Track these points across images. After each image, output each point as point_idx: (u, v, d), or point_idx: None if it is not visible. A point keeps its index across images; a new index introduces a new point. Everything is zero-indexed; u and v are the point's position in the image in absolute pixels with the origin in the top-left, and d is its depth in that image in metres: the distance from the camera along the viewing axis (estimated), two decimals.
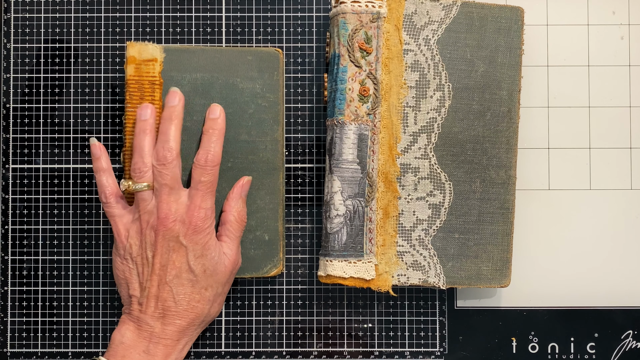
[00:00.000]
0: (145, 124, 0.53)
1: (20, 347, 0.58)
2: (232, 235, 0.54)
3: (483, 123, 0.55)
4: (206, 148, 0.52)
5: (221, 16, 0.58)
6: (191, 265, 0.51)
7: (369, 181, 0.53)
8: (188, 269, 0.51)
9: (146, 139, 0.52)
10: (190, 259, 0.51)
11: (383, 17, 0.54)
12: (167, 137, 0.51)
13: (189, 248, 0.51)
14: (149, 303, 0.51)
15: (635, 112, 0.59)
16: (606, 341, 0.58)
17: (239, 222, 0.54)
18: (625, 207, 0.58)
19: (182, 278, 0.51)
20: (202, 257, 0.51)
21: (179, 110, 0.53)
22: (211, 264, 0.52)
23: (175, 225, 0.51)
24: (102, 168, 0.53)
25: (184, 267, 0.51)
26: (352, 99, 0.53)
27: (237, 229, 0.54)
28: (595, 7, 0.59)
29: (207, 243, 0.51)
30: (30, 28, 0.58)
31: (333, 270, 0.53)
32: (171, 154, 0.51)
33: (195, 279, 0.51)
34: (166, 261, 0.51)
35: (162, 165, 0.51)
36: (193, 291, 0.51)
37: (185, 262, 0.51)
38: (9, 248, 0.58)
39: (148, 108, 0.53)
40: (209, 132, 0.53)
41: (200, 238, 0.51)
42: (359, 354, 0.58)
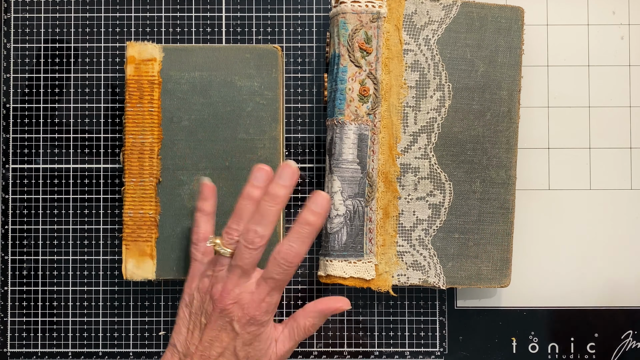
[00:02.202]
0: (254, 191, 0.49)
1: (20, 347, 0.58)
2: (293, 337, 0.51)
3: (483, 123, 0.55)
4: (291, 242, 0.48)
5: (221, 16, 0.58)
6: (236, 350, 0.49)
7: (369, 181, 0.53)
8: (233, 352, 0.49)
9: (248, 207, 0.49)
10: (237, 344, 0.49)
11: (383, 17, 0.54)
12: (263, 221, 0.48)
13: (239, 335, 0.48)
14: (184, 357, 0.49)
15: (635, 112, 0.59)
16: (606, 341, 0.58)
17: (306, 332, 0.51)
18: (625, 207, 0.58)
19: (225, 357, 0.49)
20: (251, 345, 0.49)
21: (286, 194, 0.49)
22: (257, 354, 0.49)
23: (234, 309, 0.48)
24: (205, 210, 0.52)
25: (230, 349, 0.49)
26: (352, 99, 0.53)
27: (301, 335, 0.51)
28: (595, 7, 0.59)
29: (260, 335, 0.49)
30: (30, 28, 0.58)
31: (333, 270, 0.53)
32: (261, 240, 0.48)
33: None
34: (215, 337, 0.49)
35: (246, 248, 0.48)
36: None
37: (232, 345, 0.49)
38: (9, 248, 0.58)
39: (263, 171, 0.50)
40: (302, 226, 0.48)
41: (254, 330, 0.49)
42: (359, 354, 0.58)
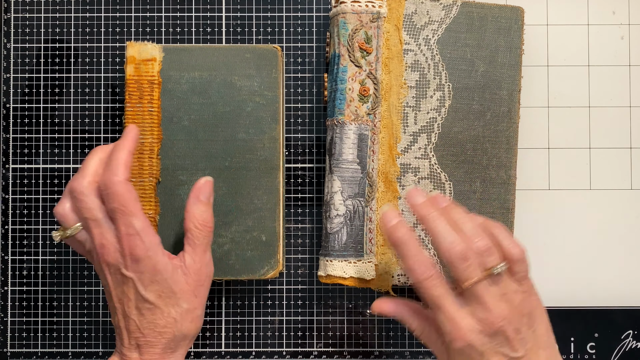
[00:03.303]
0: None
1: (20, 347, 0.58)
2: (194, 243, 0.50)
3: (483, 123, 0.55)
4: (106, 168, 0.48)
5: (221, 16, 0.58)
6: (143, 295, 0.47)
7: (369, 181, 0.53)
8: (142, 299, 0.48)
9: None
10: (140, 289, 0.47)
11: (383, 17, 0.54)
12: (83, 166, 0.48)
13: (134, 279, 0.47)
14: (123, 335, 0.49)
15: (635, 112, 0.59)
16: (606, 341, 0.58)
17: (200, 228, 0.50)
18: (625, 207, 0.58)
19: (140, 308, 0.48)
20: (153, 283, 0.48)
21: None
22: (165, 287, 0.48)
23: (114, 258, 0.47)
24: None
25: (138, 297, 0.48)
26: (352, 99, 0.53)
27: (200, 235, 0.50)
28: (595, 7, 0.59)
29: (154, 267, 0.47)
30: (30, 28, 0.58)
31: (333, 270, 0.53)
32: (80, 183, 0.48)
33: (152, 307, 0.48)
34: (121, 294, 0.48)
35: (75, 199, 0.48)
36: (155, 318, 0.48)
37: (137, 292, 0.48)
38: (9, 248, 0.58)
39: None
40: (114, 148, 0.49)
41: (143, 265, 0.47)
42: (359, 354, 0.58)
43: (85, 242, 0.49)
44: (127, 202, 0.47)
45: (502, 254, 0.46)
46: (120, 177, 0.47)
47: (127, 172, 0.48)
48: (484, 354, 0.45)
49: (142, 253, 0.47)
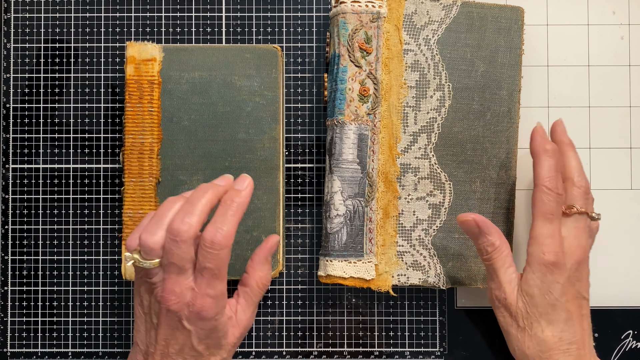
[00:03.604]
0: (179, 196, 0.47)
1: (20, 347, 0.58)
2: (251, 301, 0.50)
3: (483, 123, 0.55)
4: (216, 224, 0.45)
5: (221, 16, 0.58)
6: (194, 346, 0.47)
7: (369, 181, 0.53)
8: (191, 347, 0.47)
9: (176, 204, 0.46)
10: (194, 340, 0.46)
11: (383, 17, 0.54)
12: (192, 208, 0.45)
13: (192, 332, 0.46)
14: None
15: (635, 112, 0.59)
16: (606, 341, 0.58)
17: (260, 287, 0.50)
18: (625, 207, 0.58)
19: (185, 353, 0.47)
20: (207, 339, 0.47)
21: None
22: (216, 342, 0.48)
23: (178, 308, 0.45)
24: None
25: (187, 344, 0.46)
26: (352, 99, 0.53)
27: (258, 294, 0.50)
28: (595, 7, 0.59)
29: (214, 327, 0.47)
30: (30, 28, 0.58)
31: (333, 270, 0.53)
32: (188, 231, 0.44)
33: (197, 355, 0.47)
34: (169, 337, 0.46)
35: (173, 242, 0.44)
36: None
37: (189, 342, 0.46)
38: (9, 248, 0.58)
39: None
40: (226, 203, 0.45)
41: (206, 324, 0.46)
42: (359, 354, 0.58)
43: (153, 277, 0.46)
44: (222, 268, 0.45)
45: None
46: (229, 242, 0.45)
47: (233, 238, 0.45)
48: (566, 281, 0.49)
49: (210, 315, 0.46)
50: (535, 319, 0.49)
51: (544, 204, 0.49)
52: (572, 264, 0.49)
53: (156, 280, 0.46)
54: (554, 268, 0.48)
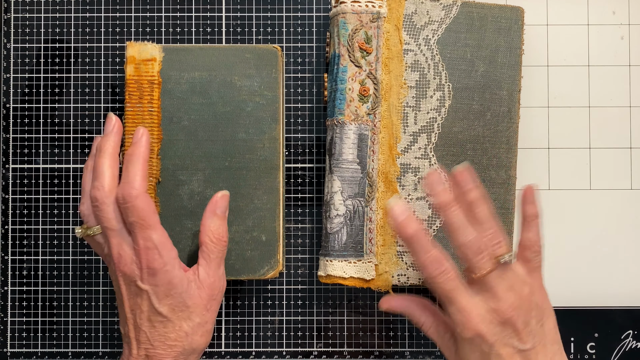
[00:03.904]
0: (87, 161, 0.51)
1: (20, 347, 0.58)
2: (209, 257, 0.50)
3: (483, 123, 0.55)
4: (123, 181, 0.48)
5: (221, 16, 0.58)
6: (157, 308, 0.47)
7: (369, 181, 0.53)
8: (155, 312, 0.48)
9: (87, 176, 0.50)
10: (154, 302, 0.47)
11: (383, 17, 0.54)
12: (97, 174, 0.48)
13: (149, 291, 0.47)
14: (132, 346, 0.48)
15: (635, 112, 0.59)
16: (606, 341, 0.58)
17: (215, 242, 0.50)
18: (625, 207, 0.58)
19: (153, 321, 0.48)
20: (167, 297, 0.48)
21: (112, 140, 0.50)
22: (179, 301, 0.48)
23: (130, 269, 0.47)
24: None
25: (151, 310, 0.48)
26: (352, 99, 0.53)
27: (214, 249, 0.50)
28: (595, 7, 0.59)
29: (169, 281, 0.47)
30: (30, 28, 0.58)
31: (333, 270, 0.53)
32: (101, 193, 0.47)
33: (165, 320, 0.48)
34: (134, 305, 0.48)
35: (96, 207, 0.48)
36: (167, 331, 0.48)
37: (151, 305, 0.47)
38: (9, 248, 0.58)
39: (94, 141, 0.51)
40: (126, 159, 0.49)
41: (159, 279, 0.47)
42: (359, 354, 0.58)
43: (103, 246, 0.49)
44: (145, 216, 0.47)
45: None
46: (139, 191, 0.47)
47: (144, 183, 0.48)
48: (494, 345, 0.46)
49: (159, 267, 0.47)
50: None
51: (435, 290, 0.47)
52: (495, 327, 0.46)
53: (106, 251, 0.48)
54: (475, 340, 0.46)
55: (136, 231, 0.47)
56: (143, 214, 0.47)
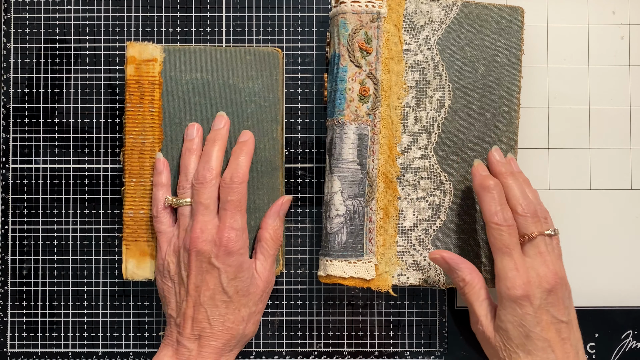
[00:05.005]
0: (191, 143, 0.54)
1: (20, 347, 0.58)
2: (267, 253, 0.54)
3: (483, 123, 0.55)
4: (232, 167, 0.52)
5: (221, 16, 0.58)
6: (224, 287, 0.51)
7: (369, 181, 0.53)
8: (221, 291, 0.51)
9: (192, 158, 0.53)
10: (223, 280, 0.50)
11: (383, 17, 0.54)
12: (209, 158, 0.52)
13: (221, 270, 0.50)
14: (186, 324, 0.50)
15: (635, 112, 0.59)
16: (606, 341, 0.58)
17: (274, 240, 0.54)
18: (625, 207, 0.58)
19: (216, 299, 0.51)
20: (235, 279, 0.51)
21: (223, 133, 0.53)
22: (244, 285, 0.51)
23: (207, 246, 0.50)
24: (161, 183, 0.54)
25: (218, 288, 0.50)
26: (352, 99, 0.53)
27: (272, 246, 0.54)
28: (595, 7, 0.59)
29: (241, 264, 0.51)
30: (30, 28, 0.58)
31: (333, 270, 0.53)
32: (210, 173, 0.51)
33: (229, 300, 0.51)
34: (200, 282, 0.51)
35: (201, 184, 0.51)
36: (227, 312, 0.51)
37: (219, 283, 0.50)
38: (9, 248, 0.58)
39: (194, 127, 0.54)
40: (236, 152, 0.53)
41: (233, 260, 0.51)
42: (359, 354, 0.58)
43: (180, 219, 0.52)
44: (242, 200, 0.52)
45: None
46: (244, 178, 0.52)
47: (247, 176, 0.52)
48: (537, 310, 0.48)
49: (236, 248, 0.51)
50: (513, 350, 0.49)
51: (497, 239, 0.49)
52: (542, 292, 0.48)
53: (187, 224, 0.52)
54: (522, 301, 0.48)
55: (228, 210, 0.51)
56: (240, 197, 0.51)
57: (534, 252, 0.50)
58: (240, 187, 0.51)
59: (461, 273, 0.51)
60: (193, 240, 0.50)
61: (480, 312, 0.51)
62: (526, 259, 0.49)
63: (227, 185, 0.51)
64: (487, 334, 0.50)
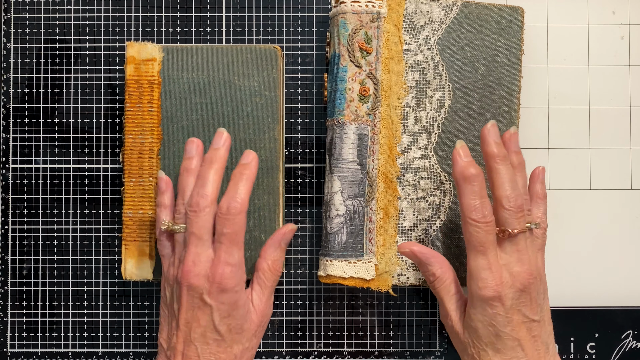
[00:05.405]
0: (189, 163, 0.50)
1: (20, 347, 0.58)
2: (264, 285, 0.51)
3: (483, 123, 0.55)
4: (230, 194, 0.48)
5: (221, 16, 0.58)
6: (216, 325, 0.48)
7: (369, 181, 0.53)
8: (213, 329, 0.48)
9: (189, 179, 0.50)
10: (215, 318, 0.47)
11: (383, 17, 0.54)
12: (204, 182, 0.48)
13: (214, 307, 0.47)
14: (176, 359, 0.48)
15: (635, 112, 0.59)
16: (606, 341, 0.58)
17: (272, 271, 0.51)
18: (625, 207, 0.58)
19: (207, 337, 0.48)
20: (229, 317, 0.48)
21: (221, 154, 0.49)
22: (238, 323, 0.49)
23: (199, 281, 0.47)
24: (163, 204, 0.51)
25: (209, 326, 0.47)
26: (352, 99, 0.53)
27: (270, 278, 0.51)
28: (595, 7, 0.59)
29: (235, 302, 0.48)
30: (30, 28, 0.58)
31: (333, 270, 0.53)
32: (205, 200, 0.47)
33: (220, 339, 0.48)
34: (191, 318, 0.48)
35: (194, 212, 0.48)
36: (219, 350, 0.48)
37: (211, 321, 0.47)
38: (9, 248, 0.58)
39: (194, 143, 0.51)
40: (236, 176, 0.49)
41: (227, 297, 0.47)
42: (359, 354, 0.58)
43: (176, 246, 0.49)
44: (239, 232, 0.48)
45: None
46: (243, 207, 0.48)
47: (247, 205, 0.48)
48: (509, 311, 0.46)
49: (230, 286, 0.47)
50: (482, 348, 0.47)
51: (472, 236, 0.47)
52: (514, 292, 0.46)
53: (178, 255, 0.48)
54: (493, 302, 0.46)
55: (223, 244, 0.47)
56: (237, 229, 0.48)
57: (512, 249, 0.47)
58: (237, 218, 0.47)
59: (432, 267, 0.49)
60: (184, 274, 0.47)
61: (450, 307, 0.49)
62: (502, 256, 0.47)
63: (224, 216, 0.47)
64: (456, 329, 0.49)
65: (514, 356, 0.47)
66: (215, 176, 0.48)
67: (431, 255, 0.50)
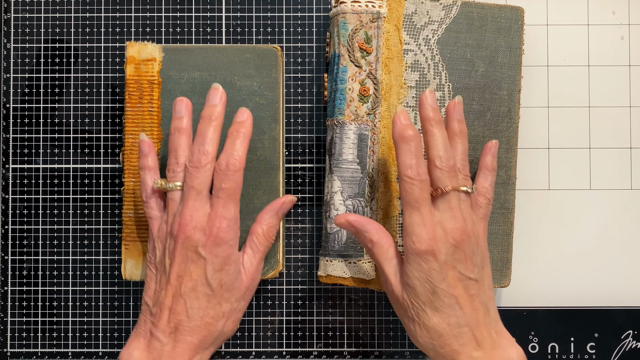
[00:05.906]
0: (180, 122, 0.50)
1: (20, 347, 0.58)
2: (256, 249, 0.52)
3: (483, 123, 0.55)
4: (228, 151, 0.49)
5: (221, 16, 0.58)
6: (208, 279, 0.48)
7: (369, 181, 0.53)
8: (205, 283, 0.48)
9: (181, 138, 0.50)
10: (208, 271, 0.48)
11: (383, 17, 0.54)
12: (204, 140, 0.49)
13: (208, 260, 0.48)
14: (162, 315, 0.48)
15: (635, 112, 0.59)
16: (606, 341, 0.58)
17: (266, 236, 0.52)
18: (625, 207, 0.58)
19: (198, 291, 0.48)
20: (221, 271, 0.48)
21: (219, 111, 0.50)
22: (229, 279, 0.49)
23: (195, 234, 0.48)
24: (148, 166, 0.51)
25: (201, 280, 0.48)
26: (352, 99, 0.53)
27: (263, 243, 0.52)
28: (595, 7, 0.59)
29: (229, 256, 0.49)
30: (30, 28, 0.58)
31: (333, 270, 0.53)
32: (206, 157, 0.48)
33: (211, 293, 0.48)
34: (183, 272, 0.48)
35: (195, 168, 0.48)
36: (208, 306, 0.48)
37: (203, 274, 0.48)
38: (9, 248, 0.58)
39: (183, 102, 0.50)
40: (232, 134, 0.49)
41: (221, 250, 0.48)
42: (359, 354, 0.58)
43: (170, 205, 0.49)
44: (236, 189, 0.49)
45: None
46: (241, 165, 0.49)
47: (244, 162, 0.49)
48: (443, 266, 0.47)
49: (226, 239, 0.48)
50: (421, 308, 0.47)
51: (407, 193, 0.47)
52: (447, 248, 0.47)
53: (177, 209, 0.49)
54: (427, 255, 0.46)
55: (221, 198, 0.48)
56: (235, 186, 0.49)
57: (445, 207, 0.47)
58: (236, 174, 0.48)
59: (369, 234, 0.49)
60: (181, 226, 0.48)
61: (389, 271, 0.49)
62: (435, 213, 0.48)
63: (223, 172, 0.48)
64: (395, 293, 0.49)
65: (452, 314, 0.47)
66: (215, 134, 0.49)
67: (367, 223, 0.50)
